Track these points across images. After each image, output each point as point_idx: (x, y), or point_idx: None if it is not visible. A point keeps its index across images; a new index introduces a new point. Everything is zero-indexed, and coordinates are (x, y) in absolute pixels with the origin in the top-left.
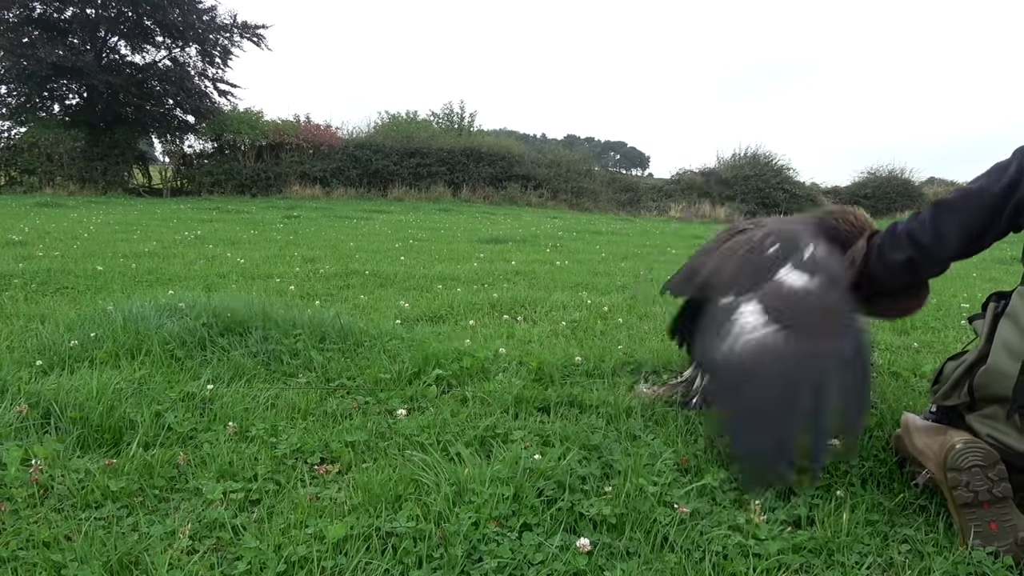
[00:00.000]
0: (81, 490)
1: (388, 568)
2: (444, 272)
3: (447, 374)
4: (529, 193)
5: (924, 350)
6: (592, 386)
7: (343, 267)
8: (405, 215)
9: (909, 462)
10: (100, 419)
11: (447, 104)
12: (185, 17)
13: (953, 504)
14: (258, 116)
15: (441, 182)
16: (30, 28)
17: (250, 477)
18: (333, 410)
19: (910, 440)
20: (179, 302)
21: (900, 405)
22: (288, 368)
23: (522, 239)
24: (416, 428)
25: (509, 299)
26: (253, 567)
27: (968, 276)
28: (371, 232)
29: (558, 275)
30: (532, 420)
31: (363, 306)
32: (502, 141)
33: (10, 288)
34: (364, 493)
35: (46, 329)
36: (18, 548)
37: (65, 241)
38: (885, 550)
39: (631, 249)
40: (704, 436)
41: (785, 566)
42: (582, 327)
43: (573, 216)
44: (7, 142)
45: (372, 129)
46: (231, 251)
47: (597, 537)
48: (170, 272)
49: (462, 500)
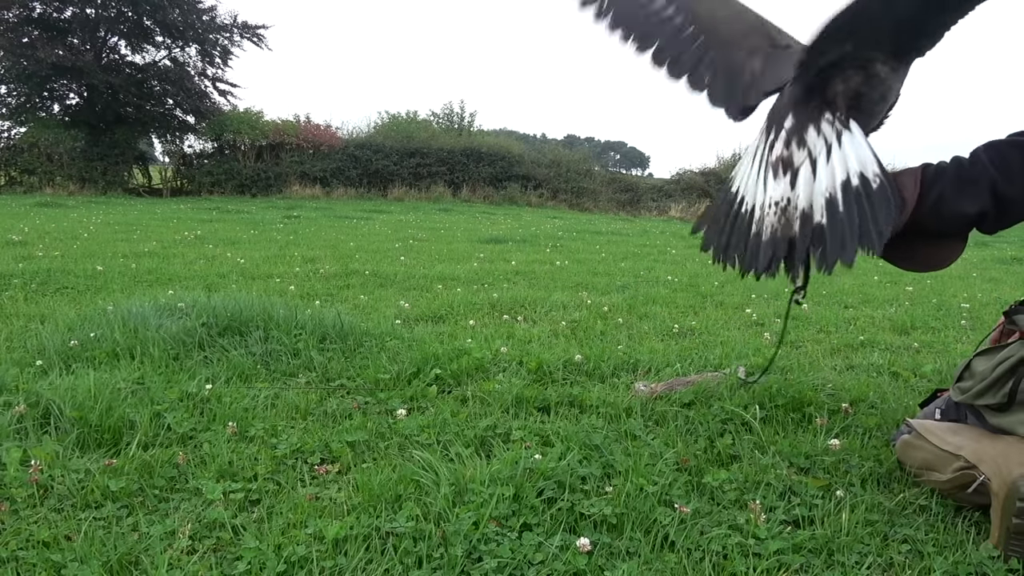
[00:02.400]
0: (81, 490)
1: (388, 568)
2: (444, 272)
3: (447, 374)
4: (529, 193)
5: (924, 350)
6: (592, 386)
7: (343, 267)
8: (405, 215)
9: (916, 469)
10: (99, 419)
11: (447, 104)
12: (185, 17)
13: (1003, 520)
14: (258, 116)
15: (441, 182)
16: (30, 28)
17: (250, 477)
18: (333, 410)
19: (931, 444)
20: (179, 302)
21: (900, 405)
22: (288, 368)
23: (522, 239)
24: (416, 428)
25: (509, 299)
26: (253, 567)
27: (968, 276)
28: (371, 232)
29: (558, 275)
30: (532, 420)
31: (363, 306)
32: (502, 141)
33: (10, 288)
34: (364, 493)
35: (46, 329)
36: (18, 548)
37: (65, 241)
38: (885, 550)
39: (631, 249)
40: (704, 436)
41: (785, 566)
42: (582, 327)
43: (573, 216)
44: (7, 142)
45: (372, 129)
46: (231, 251)
47: (597, 537)
48: (170, 272)
49: (462, 500)
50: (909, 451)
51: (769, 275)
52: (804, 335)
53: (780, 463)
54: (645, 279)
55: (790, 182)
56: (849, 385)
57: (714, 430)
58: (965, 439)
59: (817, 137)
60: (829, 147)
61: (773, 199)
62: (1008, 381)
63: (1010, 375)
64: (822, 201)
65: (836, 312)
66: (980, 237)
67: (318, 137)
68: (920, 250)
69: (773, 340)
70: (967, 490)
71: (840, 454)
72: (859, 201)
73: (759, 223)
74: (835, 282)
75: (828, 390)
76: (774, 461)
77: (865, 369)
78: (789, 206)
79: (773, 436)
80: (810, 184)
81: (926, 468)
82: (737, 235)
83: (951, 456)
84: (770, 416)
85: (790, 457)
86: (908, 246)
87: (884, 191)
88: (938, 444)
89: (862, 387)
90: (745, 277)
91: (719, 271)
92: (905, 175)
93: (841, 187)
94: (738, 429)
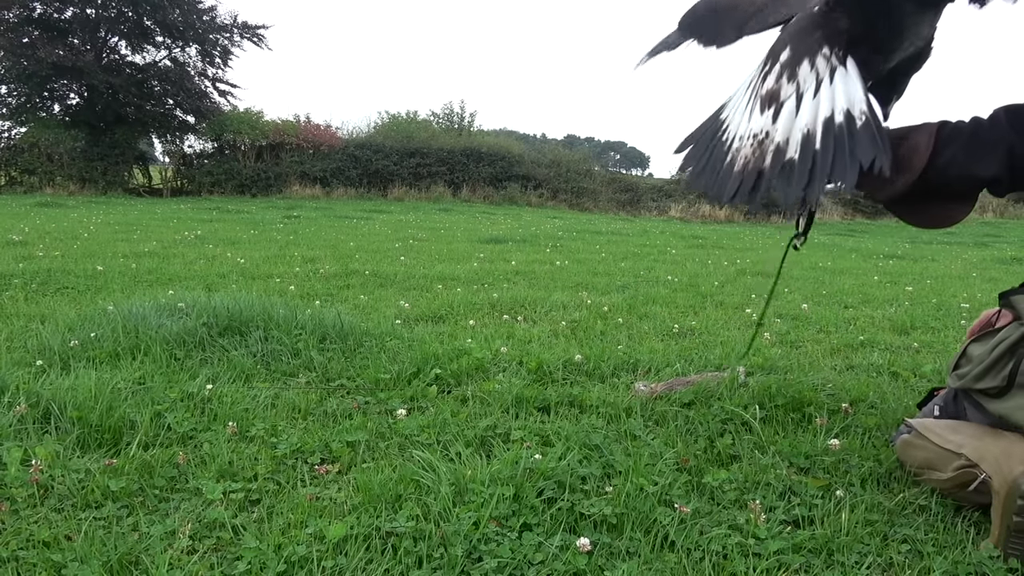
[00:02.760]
0: (81, 490)
1: (388, 568)
2: (444, 272)
3: (447, 374)
4: (529, 193)
5: (924, 350)
6: (592, 386)
7: (343, 267)
8: (405, 215)
9: (917, 468)
10: (100, 419)
11: (447, 104)
12: (185, 17)
13: (1004, 519)
14: (258, 116)
15: (441, 182)
16: (30, 28)
17: (250, 477)
18: (333, 410)
19: (931, 443)
20: (179, 302)
21: (900, 405)
22: (288, 368)
23: (522, 239)
24: (416, 428)
25: (509, 299)
26: (253, 567)
27: (968, 276)
28: (371, 232)
29: (558, 275)
30: (532, 420)
31: (363, 306)
32: (502, 141)
33: (10, 288)
34: (364, 493)
35: (46, 329)
36: (18, 548)
37: (65, 241)
38: (885, 550)
39: (631, 249)
40: (704, 436)
41: (785, 566)
42: (582, 327)
43: (573, 216)
44: (7, 142)
45: (372, 129)
46: (231, 251)
47: (597, 537)
48: (170, 272)
49: (462, 500)
50: (909, 450)
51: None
52: (804, 335)
53: (780, 463)
54: (645, 279)
55: (772, 116)
56: (849, 385)
57: (714, 430)
58: (966, 437)
59: (809, 72)
60: (819, 83)
61: (752, 131)
62: (1008, 363)
63: (1009, 356)
64: (799, 136)
65: (836, 312)
66: (980, 238)
67: (318, 137)
68: (928, 207)
69: (774, 340)
70: (968, 488)
71: (840, 454)
72: (839, 138)
73: (735, 154)
74: (835, 282)
75: (828, 390)
76: (774, 461)
77: (865, 369)
78: (766, 140)
79: (773, 436)
80: (791, 119)
81: (927, 467)
82: (713, 162)
83: (952, 455)
84: (770, 416)
85: (790, 457)
86: (916, 202)
87: (869, 130)
88: (939, 443)
89: (862, 387)
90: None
91: (719, 271)
92: (920, 132)
93: (823, 123)
94: (738, 429)
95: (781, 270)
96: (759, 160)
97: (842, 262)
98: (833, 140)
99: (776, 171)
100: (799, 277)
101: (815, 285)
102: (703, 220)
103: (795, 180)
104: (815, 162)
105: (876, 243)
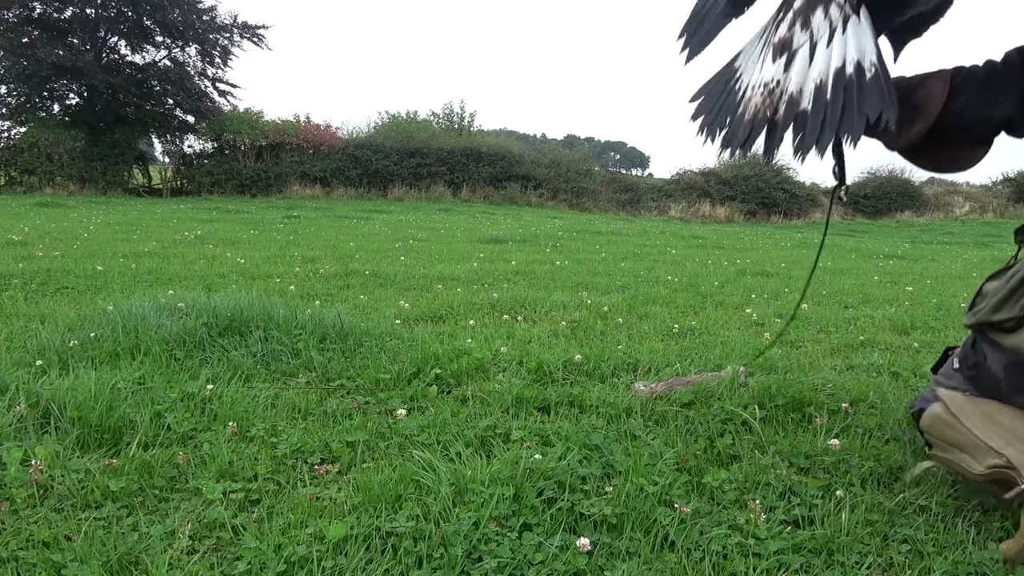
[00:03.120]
0: (81, 490)
1: (388, 568)
2: (444, 272)
3: (447, 374)
4: (529, 193)
5: (924, 350)
6: (592, 386)
7: (343, 267)
8: (405, 215)
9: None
10: (99, 419)
11: (447, 104)
12: (185, 17)
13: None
14: (258, 116)
15: (441, 182)
16: (30, 28)
17: (250, 477)
18: (333, 410)
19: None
20: (179, 302)
21: (900, 405)
22: (288, 368)
23: (522, 239)
24: (416, 428)
25: (509, 299)
26: (253, 567)
27: (968, 276)
28: (371, 232)
29: (558, 275)
30: (532, 420)
31: (363, 306)
32: (502, 141)
33: (10, 288)
34: (364, 493)
35: (46, 329)
36: (18, 548)
37: (65, 241)
38: (885, 550)
39: (631, 249)
40: (704, 436)
41: (785, 566)
42: (582, 327)
43: (573, 216)
44: (7, 142)
45: (372, 129)
46: (231, 251)
47: (597, 537)
48: (170, 272)
49: (462, 500)
50: (940, 426)
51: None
52: (804, 335)
53: (780, 463)
54: (645, 279)
55: (785, 64)
56: (849, 385)
57: (714, 430)
58: (1009, 437)
59: (823, 20)
60: (832, 31)
61: (764, 80)
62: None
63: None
64: (812, 87)
65: (836, 312)
66: (980, 238)
67: (318, 137)
68: (943, 151)
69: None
70: (1005, 491)
71: (840, 454)
72: (848, 90)
73: (746, 103)
74: (835, 282)
75: (828, 390)
76: (774, 461)
77: (865, 369)
78: (777, 88)
79: (773, 436)
80: (804, 69)
81: (957, 448)
82: (724, 111)
83: (991, 451)
84: (770, 416)
85: (790, 457)
86: (932, 147)
87: (878, 83)
88: (979, 435)
89: (862, 387)
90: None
91: (719, 271)
92: (935, 79)
93: (834, 74)
94: (738, 429)
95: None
96: (770, 109)
97: (842, 262)
98: (843, 91)
99: (790, 122)
100: (799, 277)
101: (815, 285)
102: (703, 220)
103: (809, 132)
104: (827, 112)
105: (876, 243)
